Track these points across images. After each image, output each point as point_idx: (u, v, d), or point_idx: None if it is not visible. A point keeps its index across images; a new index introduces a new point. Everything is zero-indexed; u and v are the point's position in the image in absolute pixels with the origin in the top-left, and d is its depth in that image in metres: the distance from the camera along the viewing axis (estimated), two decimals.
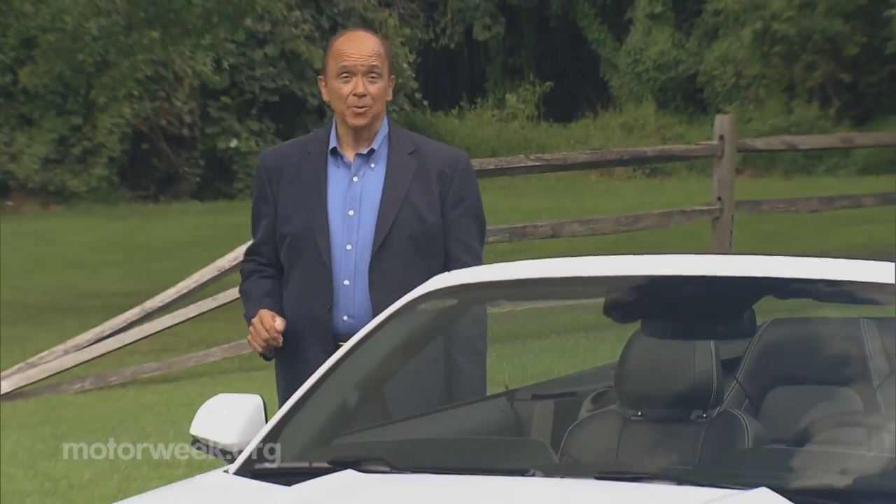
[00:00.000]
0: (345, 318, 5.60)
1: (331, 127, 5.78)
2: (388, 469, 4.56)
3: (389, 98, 5.81)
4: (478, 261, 5.67)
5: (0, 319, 17.18)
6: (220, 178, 30.09)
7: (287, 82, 29.16)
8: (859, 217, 21.70)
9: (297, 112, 29.46)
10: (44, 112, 28.92)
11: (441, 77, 36.77)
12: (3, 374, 13.42)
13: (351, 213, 5.65)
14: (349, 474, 4.49)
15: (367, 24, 30.56)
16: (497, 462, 4.74)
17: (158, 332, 13.84)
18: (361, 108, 5.66)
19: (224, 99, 29.44)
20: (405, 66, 31.28)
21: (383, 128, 5.77)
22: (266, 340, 5.54)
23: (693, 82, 33.88)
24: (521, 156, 19.11)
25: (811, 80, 31.39)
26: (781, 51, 31.28)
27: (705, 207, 16.22)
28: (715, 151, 16.20)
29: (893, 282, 4.86)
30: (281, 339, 5.56)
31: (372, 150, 5.71)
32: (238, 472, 4.71)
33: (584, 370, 5.74)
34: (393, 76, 5.86)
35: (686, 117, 33.22)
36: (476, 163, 16.04)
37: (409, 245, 5.62)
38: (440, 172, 5.71)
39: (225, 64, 27.75)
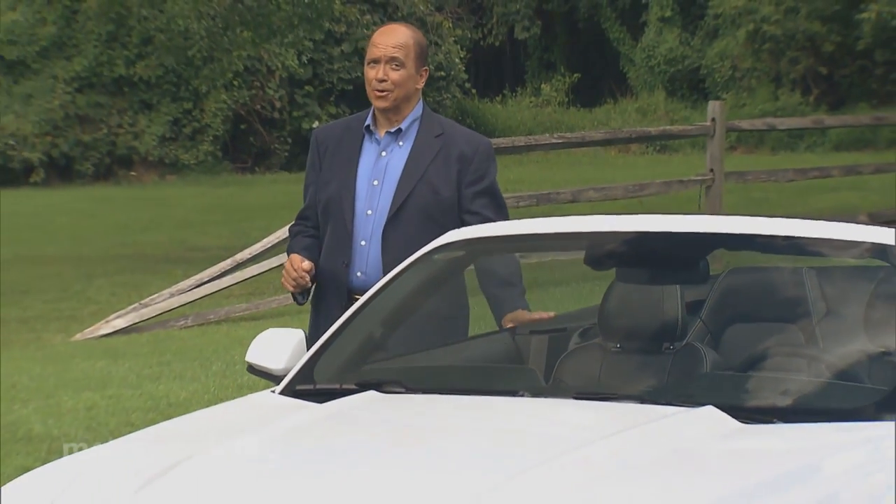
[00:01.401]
0: (358, 274, 5.48)
1: (371, 108, 5.65)
2: (403, 390, 4.59)
3: (418, 86, 5.58)
4: None
5: (121, 268, 17.37)
6: (304, 153, 29.59)
7: (359, 74, 28.94)
8: (830, 185, 21.65)
9: (368, 99, 29.33)
10: (161, 98, 28.97)
11: (487, 70, 36.63)
12: (120, 312, 13.56)
13: (375, 182, 5.52)
14: (371, 394, 4.53)
15: (425, 27, 30.48)
16: (494, 385, 4.77)
17: (248, 278, 13.92)
18: (382, 91, 5.49)
19: (308, 88, 29.47)
20: (457, 60, 31.16)
21: (415, 111, 5.59)
22: (295, 279, 5.45)
23: (696, 74, 33.69)
24: (547, 134, 19.14)
25: (794, 72, 31.22)
26: (770, 48, 31.12)
27: (700, 178, 16.18)
28: (708, 131, 16.18)
29: (828, 237, 4.89)
30: (307, 279, 5.45)
31: (399, 130, 5.54)
32: (282, 392, 4.73)
33: (572, 310, 5.68)
34: (426, 68, 5.62)
35: (690, 103, 33.02)
36: (510, 140, 16.07)
37: (421, 215, 5.45)
38: (461, 154, 5.53)
39: (304, 59, 27.81)
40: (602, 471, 3.86)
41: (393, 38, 5.55)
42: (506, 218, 5.59)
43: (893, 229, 4.85)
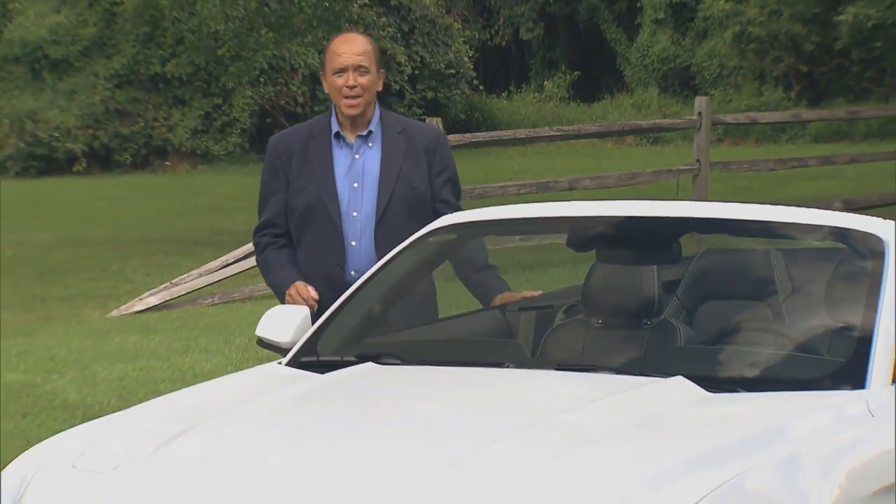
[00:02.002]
0: (353, 272, 5.36)
1: (331, 114, 5.47)
2: (399, 362, 4.60)
3: (379, 88, 5.49)
4: (455, 211, 5.43)
5: (154, 250, 17.39)
6: None
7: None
8: (809, 174, 21.63)
9: (384, 95, 29.32)
10: (193, 94, 28.99)
11: (494, 68, 36.52)
12: (153, 291, 13.57)
13: (356, 185, 5.39)
14: (369, 366, 4.54)
15: (436, 28, 30.42)
16: (482, 357, 4.78)
17: None
18: (353, 98, 5.36)
19: None
20: (466, 59, 31.13)
21: (376, 112, 5.47)
22: (305, 299, 5.26)
23: (687, 72, 33.61)
24: (546, 127, 19.14)
25: (777, 70, 31.14)
26: (755, 48, 31.04)
27: (687, 167, 16.14)
28: (694, 124, 16.13)
29: (792, 222, 4.89)
30: (316, 307, 5.24)
31: (370, 132, 5.43)
32: (289, 364, 4.75)
33: (558, 289, 5.66)
34: (382, 70, 5.50)
35: (682, 98, 32.94)
36: (512, 133, 16.06)
37: (404, 210, 5.37)
38: (426, 148, 5.45)
39: (320, 58, 27.67)
40: (578, 436, 3.87)
41: (355, 47, 5.41)
42: (460, 196, 5.59)
43: (851, 214, 4.87)
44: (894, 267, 4.49)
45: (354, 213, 5.38)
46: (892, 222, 4.74)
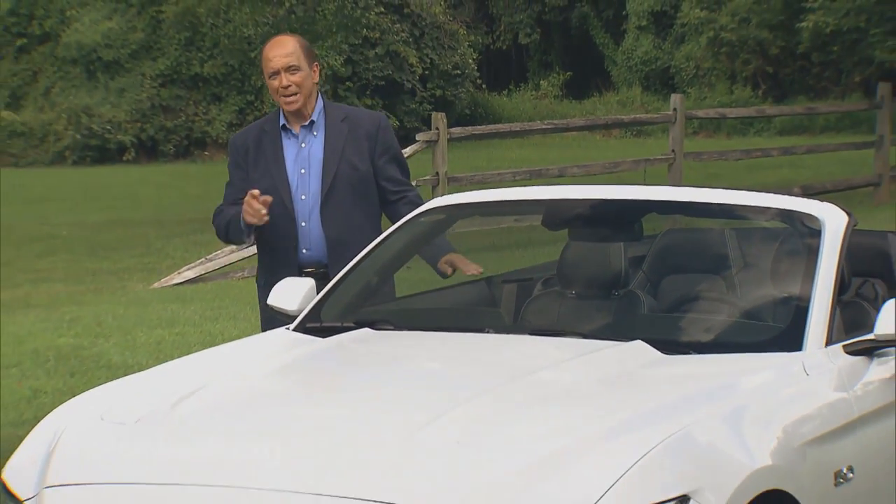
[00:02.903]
0: (304, 250, 5.28)
1: (279, 111, 5.37)
2: (392, 327, 4.61)
3: (316, 80, 5.32)
4: (404, 186, 5.41)
5: (193, 230, 17.38)
6: None
7: (390, 72, 29.05)
8: (774, 164, 21.58)
9: (397, 92, 29.34)
10: (229, 91, 28.92)
11: (496, 69, 36.39)
12: (190, 265, 13.57)
13: (302, 171, 5.29)
14: (366, 331, 4.55)
15: (445, 34, 30.34)
16: (466, 324, 4.77)
17: None
18: (290, 96, 5.24)
19: (348, 83, 29.31)
20: (470, 61, 30.98)
21: (318, 103, 5.33)
22: (256, 209, 5.10)
23: (667, 72, 33.48)
24: (538, 121, 19.12)
25: (746, 71, 31.05)
26: (726, 51, 30.95)
27: (663, 157, 16.14)
28: (670, 119, 16.12)
29: (741, 204, 4.88)
30: (265, 211, 5.10)
31: (312, 122, 5.31)
32: (295, 329, 4.75)
33: (537, 264, 5.61)
34: (316, 63, 5.34)
35: (662, 96, 32.76)
36: (508, 126, 16.04)
37: (348, 190, 5.26)
38: (367, 132, 5.33)
39: (341, 60, 27.65)
40: (547, 392, 3.88)
41: (283, 49, 5.27)
42: (409, 174, 5.48)
43: (794, 198, 4.86)
44: (830, 244, 4.49)
45: (303, 197, 5.27)
46: (830, 205, 4.73)
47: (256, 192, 5.14)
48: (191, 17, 20.15)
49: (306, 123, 5.32)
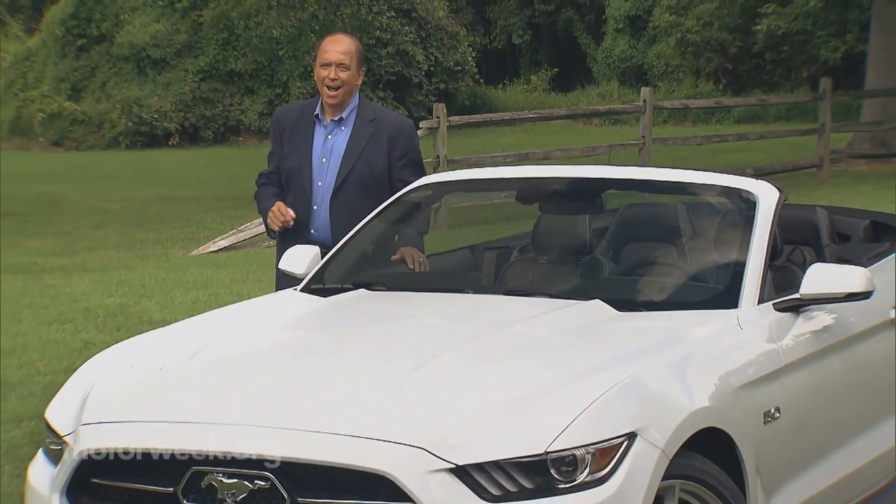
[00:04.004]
0: (312, 231, 5.14)
1: (318, 99, 5.21)
2: (385, 288, 4.60)
3: (358, 82, 5.16)
4: None
5: (228, 205, 17.37)
6: None
7: (400, 69, 28.87)
8: (732, 148, 21.51)
9: (406, 86, 29.20)
10: (259, 84, 28.73)
11: (492, 65, 36.19)
12: (224, 235, 13.57)
13: (324, 160, 5.13)
14: (362, 291, 4.54)
15: (447, 35, 30.19)
16: (449, 285, 4.77)
17: None
18: (333, 89, 5.09)
19: (364, 78, 29.13)
20: (470, 59, 30.78)
21: (353, 102, 5.15)
22: (282, 222, 5.10)
23: (641, 69, 33.34)
24: (525, 110, 19.04)
25: (709, 68, 30.95)
26: (692, 50, 30.82)
27: (634, 142, 16.11)
28: (640, 109, 16.11)
29: (690, 182, 4.86)
30: (291, 223, 5.08)
31: (341, 118, 5.15)
32: (302, 290, 4.73)
33: (515, 234, 5.59)
34: (363, 69, 5.18)
35: (636, 90, 32.28)
36: (499, 115, 15.96)
37: (359, 185, 5.09)
38: (390, 135, 5.13)
39: None
40: (515, 344, 3.89)
41: (341, 46, 5.14)
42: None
43: (734, 176, 4.84)
44: (763, 216, 4.48)
45: (319, 183, 5.14)
46: (764, 182, 4.72)
47: (291, 213, 5.04)
48: (226, 20, 20.09)
49: (337, 118, 5.15)
